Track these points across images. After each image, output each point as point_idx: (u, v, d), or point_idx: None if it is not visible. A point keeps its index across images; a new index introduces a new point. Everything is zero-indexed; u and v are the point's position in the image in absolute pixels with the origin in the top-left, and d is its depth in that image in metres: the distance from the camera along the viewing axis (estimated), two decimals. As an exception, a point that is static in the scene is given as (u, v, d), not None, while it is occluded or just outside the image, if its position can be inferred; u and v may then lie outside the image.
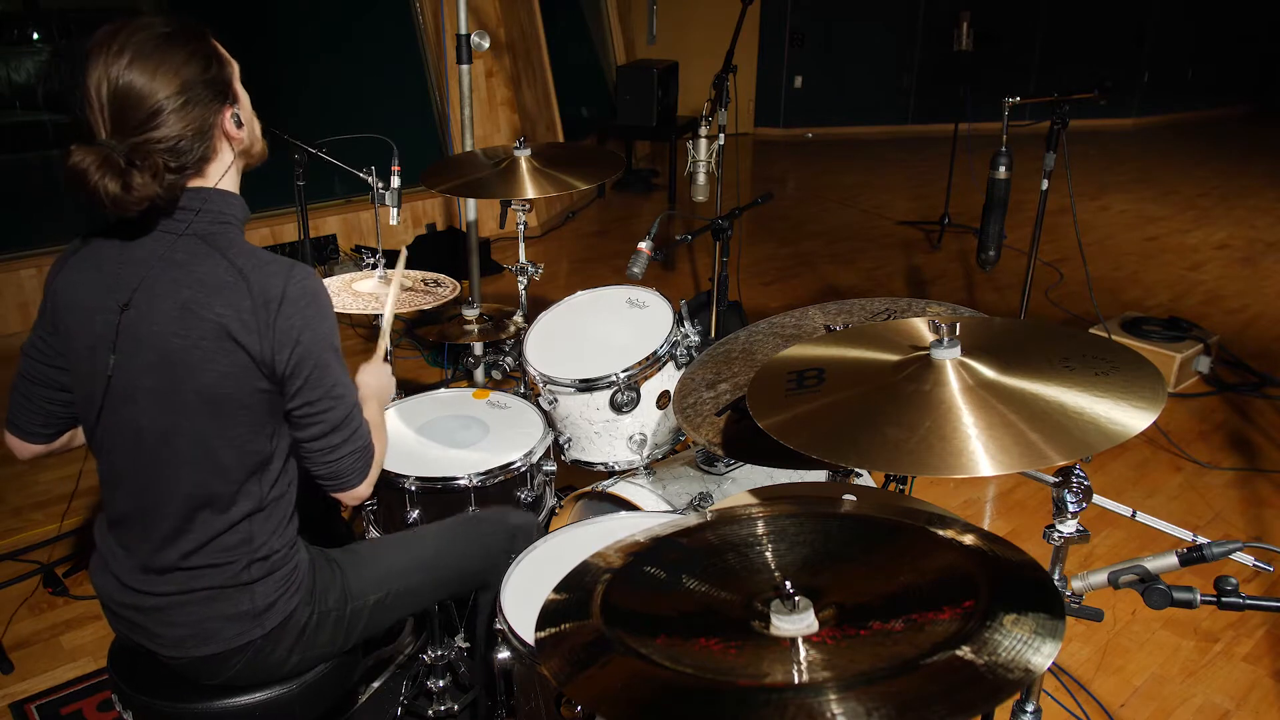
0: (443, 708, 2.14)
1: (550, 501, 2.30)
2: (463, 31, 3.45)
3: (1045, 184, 3.52)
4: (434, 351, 4.26)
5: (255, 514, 1.50)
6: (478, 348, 3.64)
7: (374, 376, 1.79)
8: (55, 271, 1.48)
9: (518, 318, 2.79)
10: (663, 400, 2.24)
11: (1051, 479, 1.38)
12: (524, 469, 2.14)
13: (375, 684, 2.34)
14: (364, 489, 1.58)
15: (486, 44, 3.54)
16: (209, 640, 1.51)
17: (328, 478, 1.54)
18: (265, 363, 1.40)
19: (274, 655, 1.56)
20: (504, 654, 1.63)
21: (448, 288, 2.54)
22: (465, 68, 3.53)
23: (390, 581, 1.72)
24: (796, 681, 0.99)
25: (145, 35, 1.35)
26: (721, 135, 3.82)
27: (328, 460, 1.51)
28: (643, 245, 2.53)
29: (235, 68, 1.49)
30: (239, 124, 1.47)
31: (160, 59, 1.34)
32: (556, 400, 2.24)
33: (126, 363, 1.42)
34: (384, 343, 1.90)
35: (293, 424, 1.49)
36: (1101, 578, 1.34)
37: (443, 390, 2.48)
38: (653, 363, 2.19)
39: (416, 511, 2.07)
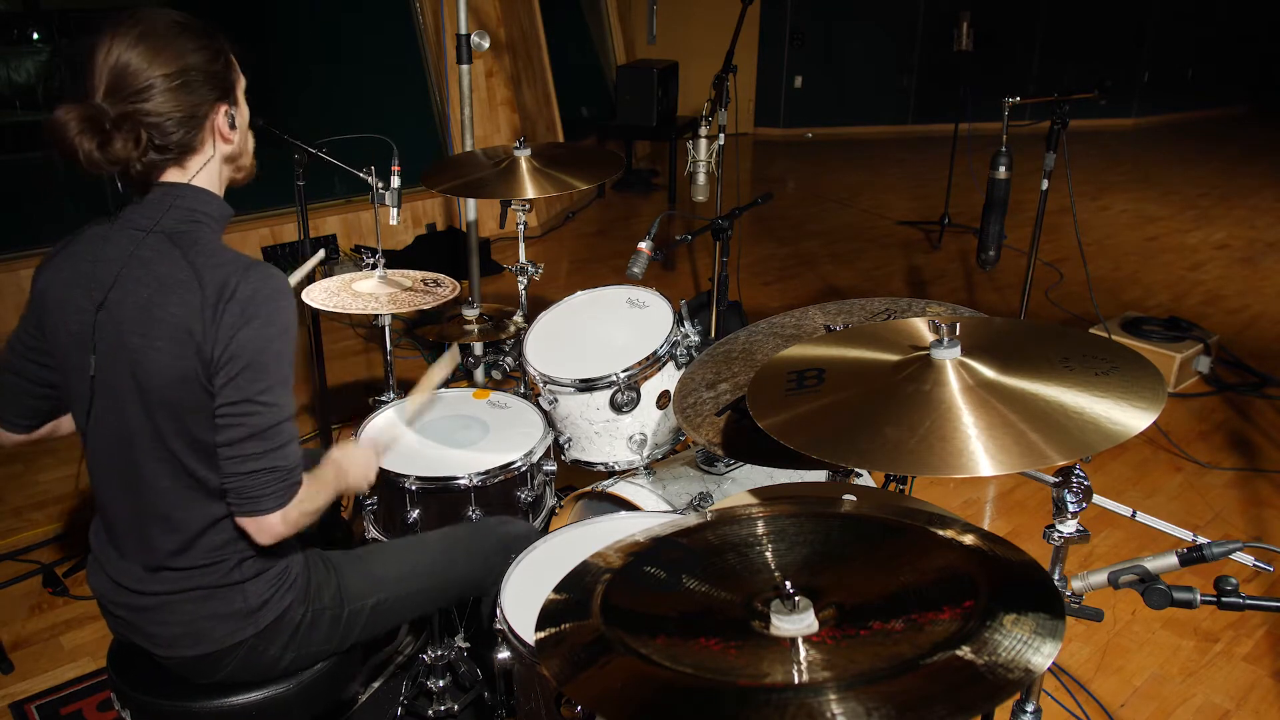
0: (443, 708, 2.14)
1: (550, 501, 2.30)
2: (463, 31, 3.45)
3: (1045, 184, 3.52)
4: (434, 351, 4.26)
5: None
6: (478, 348, 3.64)
7: (351, 454, 1.64)
8: (39, 272, 1.49)
9: (518, 318, 2.79)
10: (663, 400, 2.24)
11: (1051, 479, 1.38)
12: (524, 469, 2.14)
13: (375, 684, 2.34)
14: (275, 521, 1.40)
15: (486, 44, 3.54)
16: (201, 639, 1.51)
17: (235, 492, 1.39)
18: (206, 360, 1.36)
19: (268, 654, 1.56)
20: (504, 654, 1.63)
21: (448, 288, 2.54)
22: (465, 68, 3.53)
23: (389, 586, 1.71)
24: (796, 681, 0.99)
25: (162, 21, 1.38)
26: (721, 135, 3.81)
27: (238, 472, 1.38)
28: (643, 245, 2.53)
29: (243, 81, 1.50)
30: (232, 125, 1.46)
31: (167, 42, 1.37)
32: (556, 400, 2.24)
33: (103, 362, 1.42)
34: (383, 445, 1.79)
35: (215, 426, 1.39)
36: (1101, 578, 1.34)
37: (443, 390, 2.48)
38: (653, 363, 2.19)
39: (416, 511, 2.07)
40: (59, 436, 1.65)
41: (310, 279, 2.29)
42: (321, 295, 2.42)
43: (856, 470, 2.09)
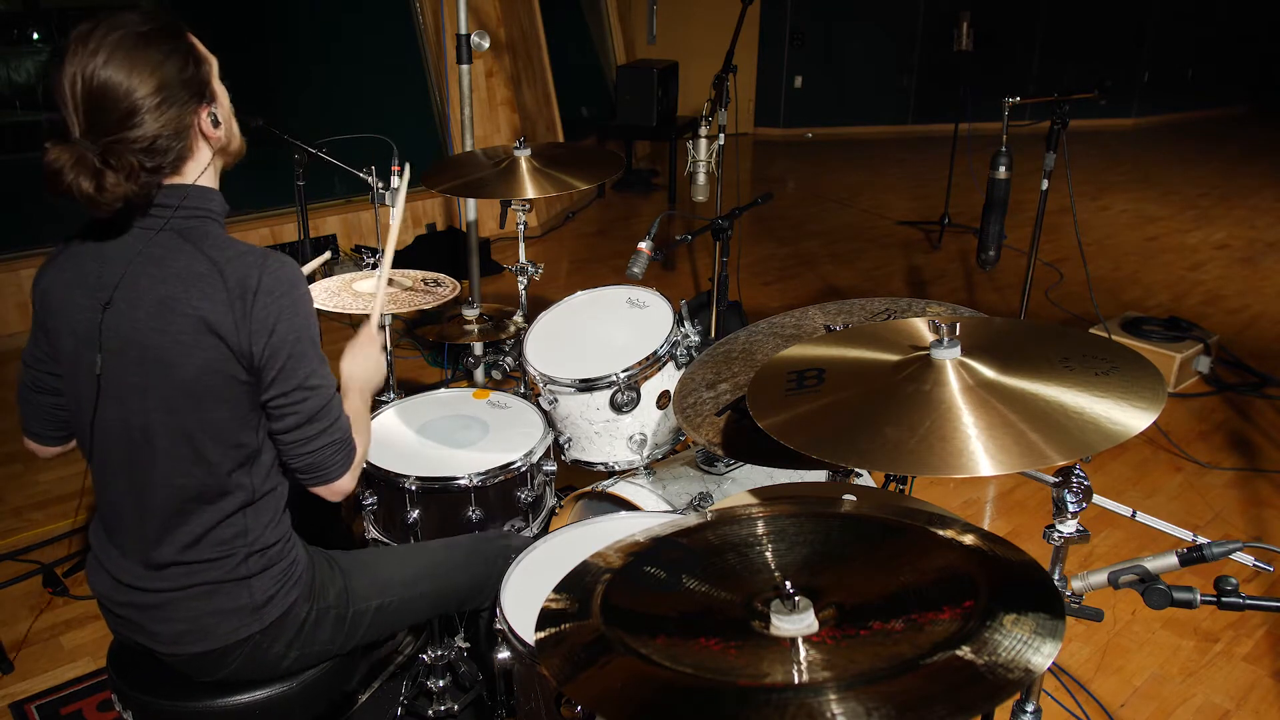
0: (443, 708, 2.14)
1: (550, 501, 2.30)
2: (463, 31, 3.45)
3: (1045, 184, 3.52)
4: (434, 351, 4.26)
5: (247, 507, 1.51)
6: (478, 348, 3.64)
7: (360, 362, 1.72)
8: (40, 275, 1.49)
9: (518, 318, 2.79)
10: (663, 400, 2.24)
11: (1051, 479, 1.38)
12: (524, 469, 2.14)
13: (375, 684, 2.34)
14: (346, 482, 1.56)
15: (486, 44, 3.54)
16: (207, 635, 1.51)
17: (305, 470, 1.52)
18: (243, 353, 1.40)
19: (272, 650, 1.57)
20: (504, 654, 1.63)
21: (448, 288, 2.54)
22: (465, 68, 3.53)
23: (395, 589, 1.72)
24: (796, 681, 0.99)
25: (122, 33, 1.33)
26: (721, 135, 3.81)
27: (304, 452, 1.49)
28: (643, 245, 2.53)
29: (214, 64, 1.47)
30: (216, 123, 1.45)
31: (137, 57, 1.33)
32: (556, 400, 2.24)
33: (110, 360, 1.42)
34: (375, 317, 1.83)
35: (268, 415, 1.48)
36: (1101, 578, 1.34)
37: (443, 390, 2.48)
38: (653, 363, 2.19)
39: (416, 511, 2.07)
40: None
41: (311, 279, 2.30)
42: (321, 295, 2.43)
43: (856, 470, 2.09)
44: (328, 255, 2.18)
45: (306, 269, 1.96)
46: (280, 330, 1.41)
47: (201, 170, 1.46)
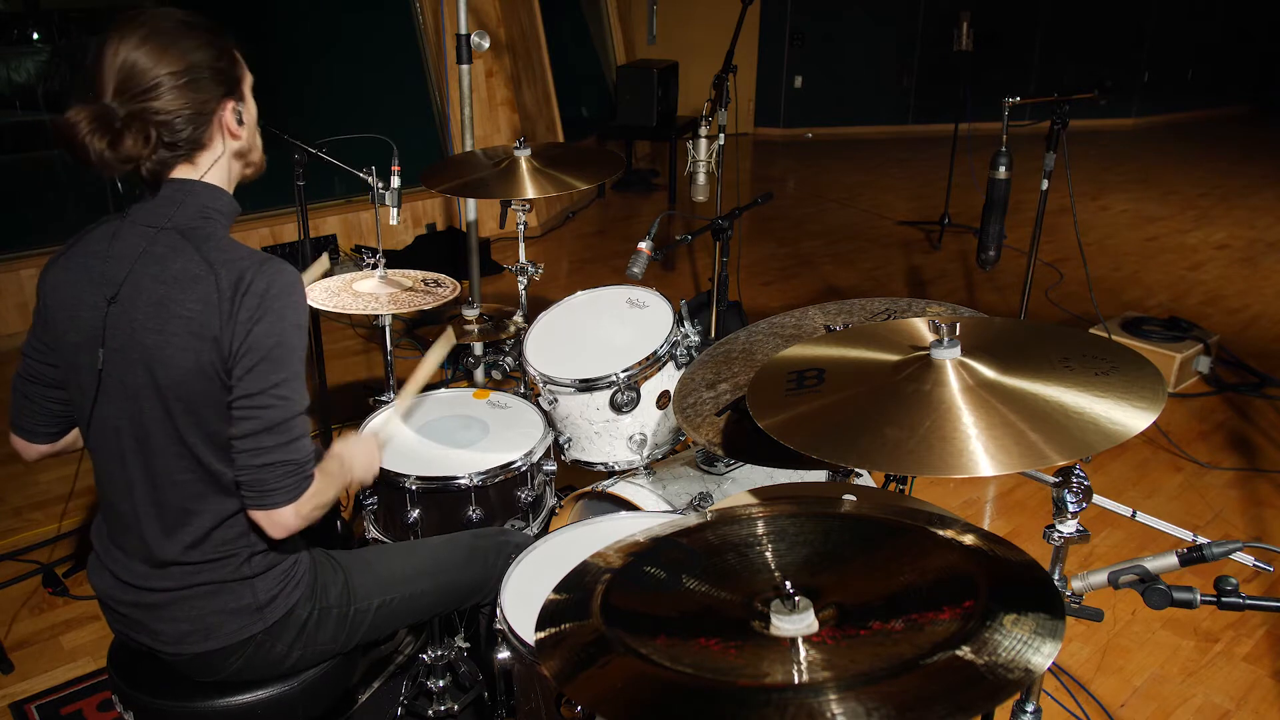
0: (443, 708, 2.14)
1: (550, 501, 2.30)
2: (463, 31, 3.45)
3: (1045, 184, 3.52)
4: (434, 351, 4.26)
5: None
6: (478, 348, 3.64)
7: (358, 452, 1.64)
8: (47, 270, 1.49)
9: (518, 318, 2.79)
10: (663, 400, 2.24)
11: (1051, 479, 1.38)
12: (524, 469, 2.14)
13: (375, 684, 2.34)
14: (288, 514, 1.42)
15: (486, 44, 3.54)
16: (210, 635, 1.51)
17: (249, 485, 1.40)
18: (223, 355, 1.39)
19: (274, 650, 1.57)
20: (504, 654, 1.63)
21: (448, 288, 2.54)
22: (465, 68, 3.53)
23: (396, 587, 1.72)
24: (796, 681, 0.99)
25: (167, 21, 1.40)
26: (721, 135, 3.82)
27: (252, 464, 1.39)
28: (643, 245, 2.53)
29: (249, 77, 1.51)
30: (240, 122, 1.48)
31: (172, 41, 1.39)
32: (556, 400, 2.24)
33: (112, 358, 1.43)
34: (385, 432, 1.81)
35: (230, 417, 1.40)
36: (1101, 578, 1.34)
37: (443, 390, 2.48)
38: (653, 363, 2.19)
39: (416, 511, 2.07)
40: (79, 448, 1.63)
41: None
42: (322, 295, 2.43)
43: (856, 470, 2.09)
44: (326, 264, 2.16)
45: (305, 278, 1.94)
46: (258, 330, 1.38)
47: (213, 163, 1.47)
